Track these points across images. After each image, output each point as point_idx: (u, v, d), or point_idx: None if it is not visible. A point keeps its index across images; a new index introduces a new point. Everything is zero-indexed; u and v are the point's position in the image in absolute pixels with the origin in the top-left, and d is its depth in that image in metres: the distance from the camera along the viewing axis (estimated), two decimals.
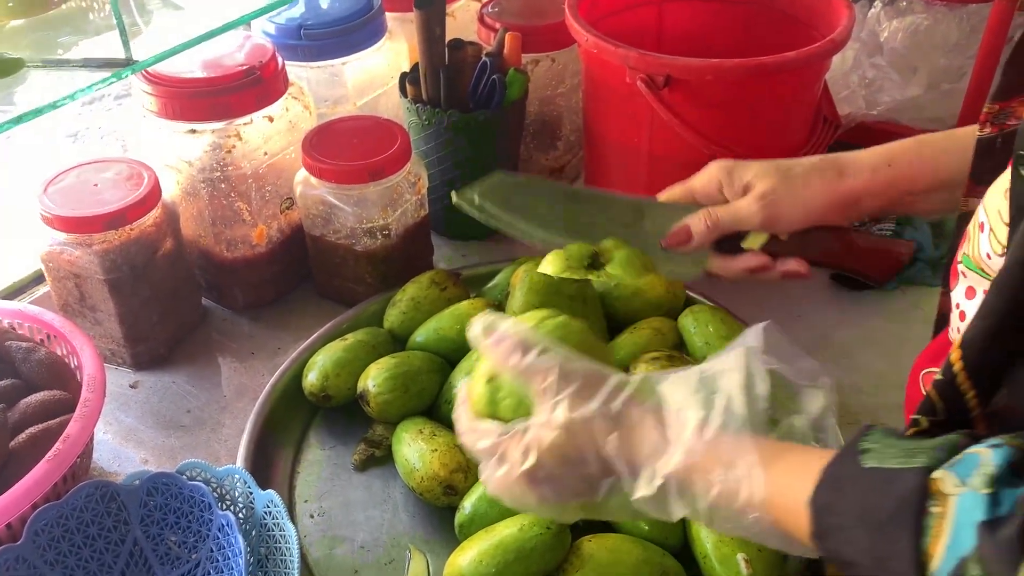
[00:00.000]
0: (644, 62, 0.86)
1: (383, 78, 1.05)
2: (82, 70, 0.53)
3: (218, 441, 0.83)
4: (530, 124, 1.10)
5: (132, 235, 0.83)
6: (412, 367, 0.81)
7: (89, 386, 0.71)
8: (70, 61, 0.53)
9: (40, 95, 0.51)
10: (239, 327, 0.96)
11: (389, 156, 0.89)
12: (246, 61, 0.87)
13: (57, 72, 0.54)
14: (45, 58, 0.54)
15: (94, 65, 0.52)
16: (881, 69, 1.08)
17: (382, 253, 0.92)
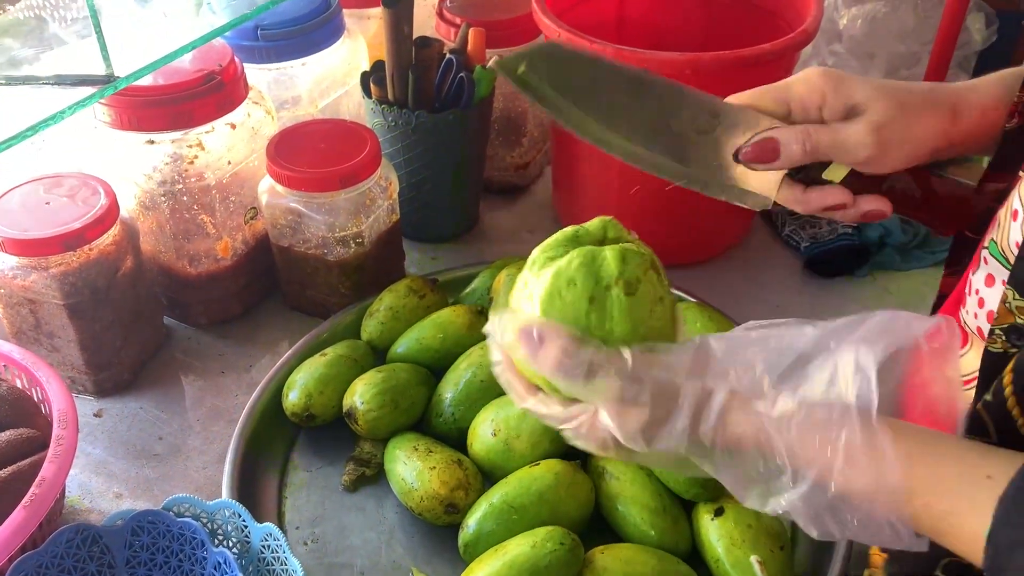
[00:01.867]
0: (620, 57, 0.84)
1: (342, 78, 1.01)
2: (54, 88, 0.48)
3: (196, 469, 0.79)
4: (495, 121, 1.07)
5: (91, 256, 0.78)
6: (400, 381, 0.78)
7: (61, 422, 0.67)
8: (39, 78, 0.49)
9: (8, 119, 0.46)
10: (206, 345, 0.91)
11: (360, 161, 0.85)
12: (203, 65, 0.83)
13: (22, 90, 0.50)
14: (9, 75, 0.49)
15: (69, 82, 0.47)
16: (840, 56, 1.09)
17: (355, 262, 0.89)
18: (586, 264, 0.47)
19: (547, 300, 0.46)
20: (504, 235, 1.08)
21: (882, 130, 0.54)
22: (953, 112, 0.56)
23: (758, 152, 0.55)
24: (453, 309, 0.84)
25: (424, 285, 0.87)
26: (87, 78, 0.47)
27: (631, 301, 0.46)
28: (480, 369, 0.77)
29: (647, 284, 0.47)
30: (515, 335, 0.46)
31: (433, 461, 0.72)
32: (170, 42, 0.54)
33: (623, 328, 0.46)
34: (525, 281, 0.50)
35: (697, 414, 0.44)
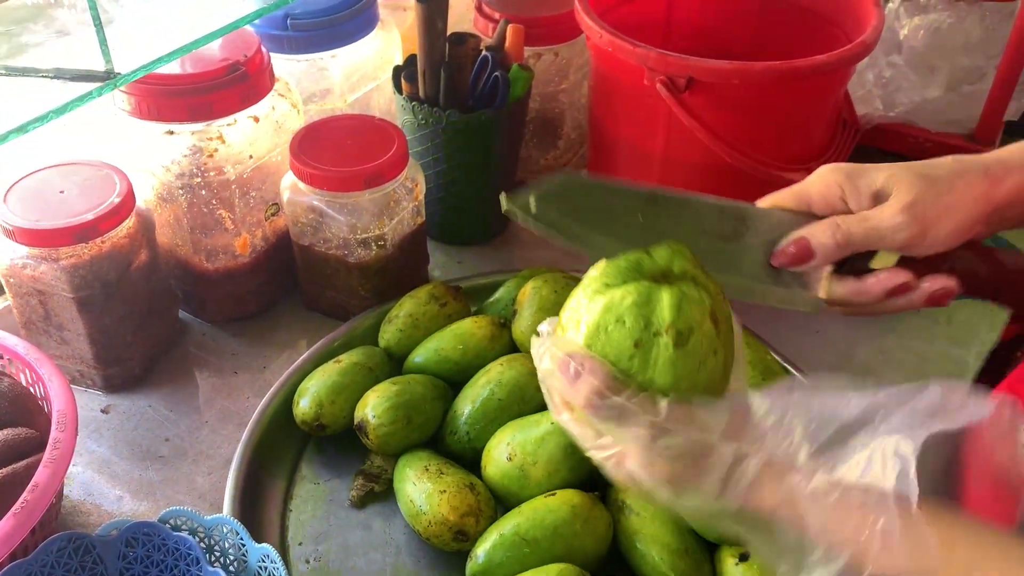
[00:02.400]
0: (665, 63, 0.79)
1: (374, 71, 0.97)
2: (54, 81, 0.45)
3: (201, 474, 0.76)
4: (530, 122, 1.03)
5: (104, 248, 0.75)
6: (415, 395, 0.74)
7: (60, 423, 0.64)
8: (39, 70, 0.46)
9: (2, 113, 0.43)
10: (220, 343, 0.89)
11: (386, 161, 0.82)
12: (229, 55, 0.79)
13: (22, 82, 0.47)
14: (8, 64, 0.46)
15: (68, 77, 0.44)
16: (899, 68, 1.03)
17: (376, 264, 0.85)
18: (639, 304, 0.44)
19: (592, 332, 0.44)
20: (534, 241, 1.04)
21: (914, 207, 0.51)
22: (987, 175, 0.52)
23: (792, 255, 0.53)
24: (475, 320, 0.80)
25: (446, 292, 0.84)
26: (86, 73, 0.44)
27: (679, 353, 0.43)
28: (499, 387, 0.74)
29: (700, 336, 0.43)
30: (553, 363, 0.45)
31: (444, 484, 0.68)
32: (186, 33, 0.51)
33: (665, 379, 0.43)
34: (577, 302, 0.47)
35: (728, 478, 0.41)
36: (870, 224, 0.52)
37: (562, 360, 0.44)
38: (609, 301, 0.45)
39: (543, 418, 0.70)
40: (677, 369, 0.43)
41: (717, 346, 0.45)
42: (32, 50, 0.50)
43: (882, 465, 0.40)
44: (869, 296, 0.53)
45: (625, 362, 0.44)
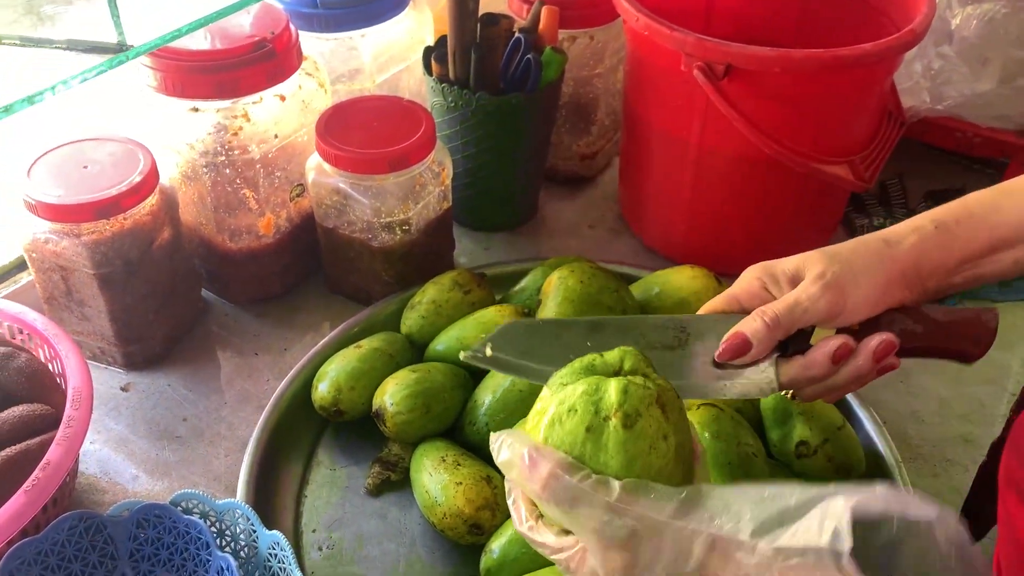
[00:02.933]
0: (703, 49, 0.77)
1: (404, 52, 0.95)
2: (67, 52, 0.44)
3: (217, 456, 0.76)
4: (563, 107, 1.01)
5: (126, 225, 0.75)
6: (434, 383, 0.73)
7: (74, 401, 0.63)
8: (52, 41, 0.44)
9: (15, 83, 0.42)
10: (242, 324, 0.88)
11: (412, 144, 0.80)
12: (256, 31, 0.78)
13: (36, 52, 0.45)
14: (24, 35, 0.45)
15: (81, 48, 0.43)
16: (949, 60, 0.99)
17: (400, 249, 0.84)
18: (588, 393, 0.47)
19: (549, 425, 0.47)
20: (564, 228, 1.02)
21: (825, 276, 0.56)
22: (885, 241, 0.58)
23: (732, 349, 0.56)
24: (498, 309, 0.78)
25: (471, 280, 0.82)
26: (98, 45, 0.43)
27: (627, 435, 0.45)
28: (519, 379, 0.72)
29: (648, 419, 0.46)
30: (511, 453, 0.47)
31: (460, 476, 0.67)
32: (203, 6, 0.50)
33: (617, 461, 0.45)
34: (538, 402, 0.50)
35: (678, 559, 0.43)
36: (791, 301, 0.56)
37: (519, 451, 0.47)
38: (563, 395, 0.48)
39: None
40: (627, 451, 0.45)
41: (667, 431, 0.46)
42: (49, 21, 0.49)
43: (819, 526, 0.41)
44: (817, 367, 0.56)
45: (579, 448, 0.46)
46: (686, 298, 0.79)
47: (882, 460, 0.70)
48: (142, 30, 0.45)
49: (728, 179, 0.86)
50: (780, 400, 0.69)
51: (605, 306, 0.75)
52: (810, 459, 0.68)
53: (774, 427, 0.69)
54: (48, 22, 0.49)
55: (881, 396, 0.81)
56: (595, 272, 0.77)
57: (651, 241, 0.98)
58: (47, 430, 0.65)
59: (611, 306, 0.76)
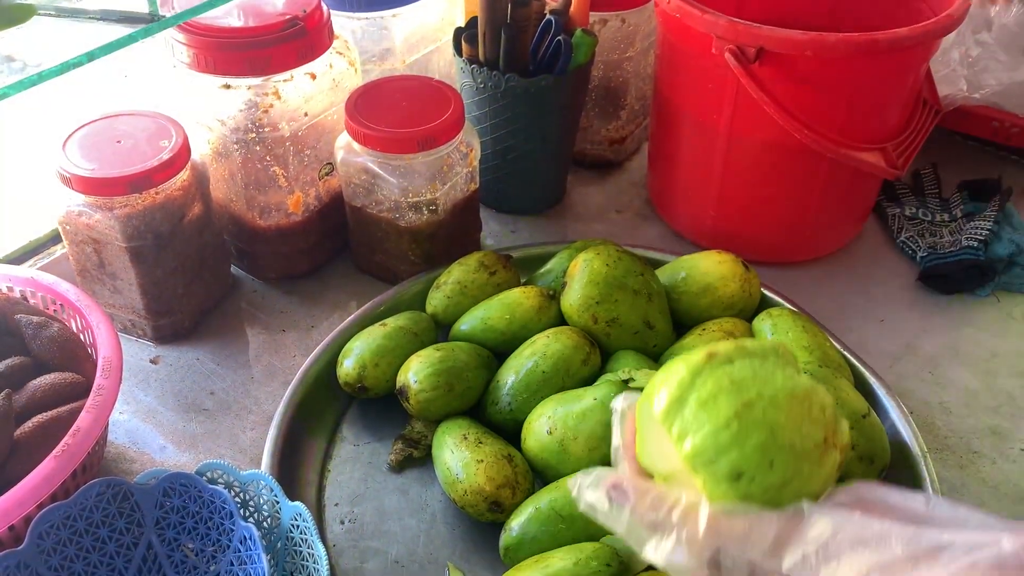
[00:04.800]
0: (734, 31, 0.76)
1: (435, 33, 0.96)
2: (99, 23, 0.45)
3: (242, 429, 0.77)
4: (593, 90, 1.00)
5: (157, 200, 0.76)
6: (458, 362, 0.73)
7: (104, 371, 0.65)
8: (86, 12, 0.45)
9: (50, 51, 0.43)
10: (270, 300, 0.89)
11: (441, 124, 0.80)
12: (287, 9, 0.79)
13: (70, 22, 0.46)
14: (59, 6, 0.46)
15: (113, 18, 0.44)
16: (987, 47, 0.97)
17: (428, 230, 0.84)
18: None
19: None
20: (591, 213, 1.02)
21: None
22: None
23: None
24: (523, 290, 0.78)
25: (497, 261, 0.82)
26: (129, 15, 0.43)
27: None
28: (543, 359, 0.72)
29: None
30: (604, 490, 0.47)
31: (482, 454, 0.67)
32: None
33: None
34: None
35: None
36: None
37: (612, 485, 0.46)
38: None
39: (586, 393, 0.68)
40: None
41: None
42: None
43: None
44: None
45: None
46: (712, 283, 0.79)
47: (908, 450, 0.69)
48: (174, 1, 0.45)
49: (758, 165, 0.86)
50: None
51: (631, 290, 0.75)
52: None
53: None
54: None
55: (908, 386, 0.81)
56: (621, 255, 0.77)
57: (679, 227, 0.97)
58: (78, 398, 0.66)
59: (636, 289, 0.75)
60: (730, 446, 0.44)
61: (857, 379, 0.74)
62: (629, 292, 0.75)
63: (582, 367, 0.72)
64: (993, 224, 0.92)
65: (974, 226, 0.93)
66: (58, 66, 0.39)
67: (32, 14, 0.48)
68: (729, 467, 0.44)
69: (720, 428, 0.45)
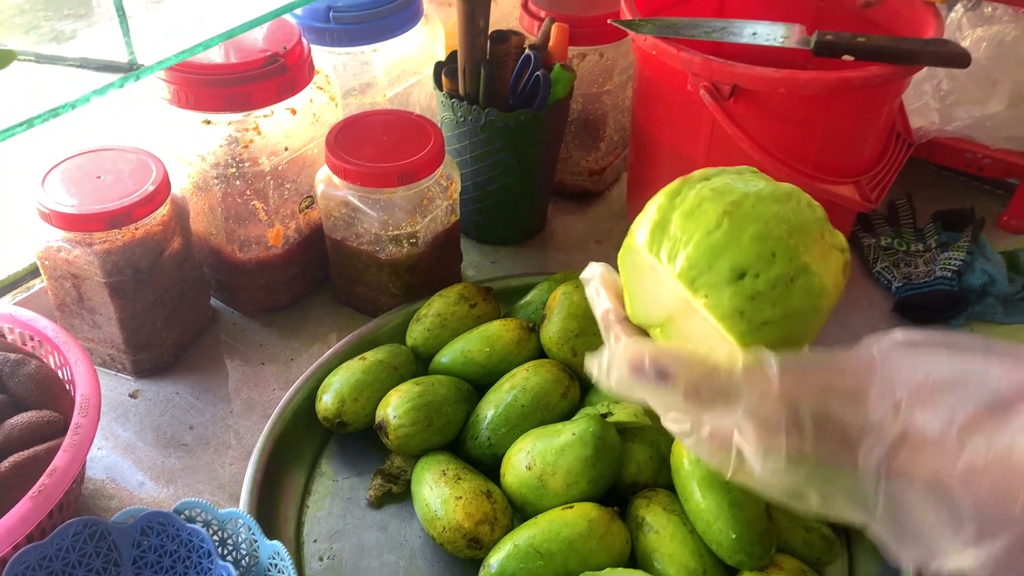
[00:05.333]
0: (709, 69, 0.77)
1: (416, 66, 0.96)
2: (80, 70, 0.45)
3: (221, 465, 0.76)
4: (572, 122, 1.01)
5: (137, 235, 0.76)
6: (437, 396, 0.73)
7: (82, 409, 0.64)
8: (66, 59, 0.46)
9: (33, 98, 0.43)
10: (250, 333, 0.89)
11: (421, 158, 0.81)
12: (268, 45, 0.79)
13: (51, 68, 0.47)
14: (39, 52, 0.46)
15: (92, 67, 0.44)
16: (958, 81, 0.99)
17: (407, 262, 0.85)
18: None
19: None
20: (571, 243, 1.03)
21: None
22: None
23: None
24: (503, 323, 0.79)
25: (477, 294, 0.83)
26: (109, 64, 0.44)
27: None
28: (523, 393, 0.72)
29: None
30: (628, 371, 0.41)
31: (460, 490, 0.67)
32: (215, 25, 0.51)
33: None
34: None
35: (864, 451, 0.37)
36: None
37: (638, 366, 0.41)
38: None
39: (564, 428, 0.68)
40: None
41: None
42: (64, 38, 0.50)
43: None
44: None
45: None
46: None
47: None
48: (153, 48, 0.46)
49: None
50: None
51: None
52: None
53: None
54: (63, 39, 0.50)
55: None
56: None
57: None
58: (55, 436, 0.66)
59: None
60: (725, 245, 0.42)
61: None
62: None
63: (561, 400, 0.73)
64: (966, 254, 0.94)
65: (948, 256, 0.94)
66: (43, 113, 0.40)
67: (12, 59, 0.48)
68: (729, 267, 0.42)
69: (711, 230, 0.43)
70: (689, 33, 0.80)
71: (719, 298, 0.42)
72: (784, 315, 0.43)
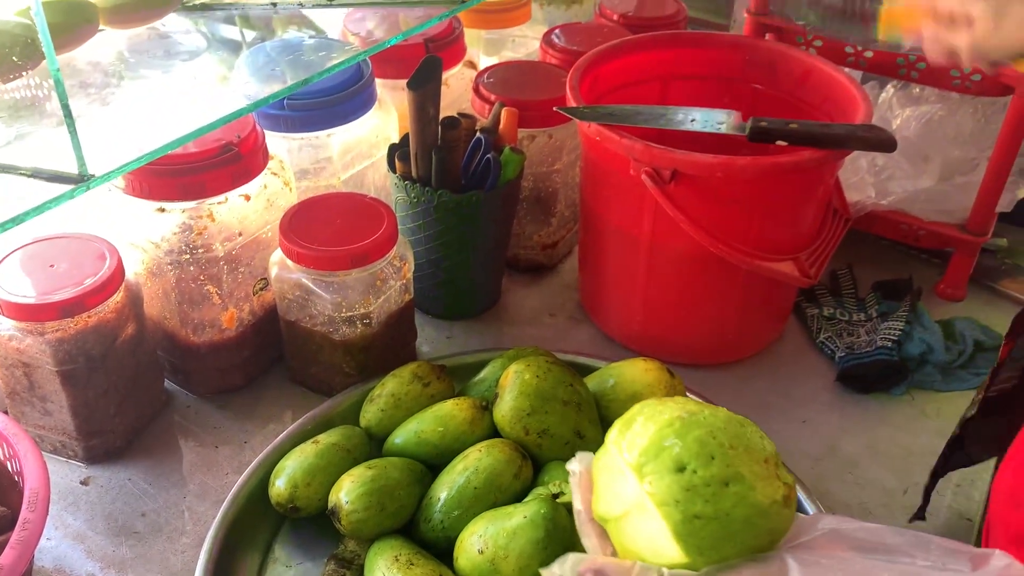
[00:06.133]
0: (649, 155, 0.80)
1: (371, 148, 0.99)
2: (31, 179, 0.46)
3: (175, 552, 0.76)
4: (524, 199, 1.04)
5: (90, 323, 0.76)
6: (390, 480, 0.74)
7: (31, 504, 0.64)
8: (17, 168, 0.47)
9: None
10: (204, 415, 0.89)
11: (374, 241, 0.83)
12: (223, 134, 0.81)
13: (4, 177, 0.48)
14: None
15: (44, 177, 0.46)
16: (892, 157, 1.03)
17: (361, 342, 0.86)
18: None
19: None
20: (526, 316, 1.05)
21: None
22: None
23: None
24: (456, 402, 0.80)
25: (430, 372, 0.84)
26: (60, 175, 0.45)
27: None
28: (475, 475, 0.73)
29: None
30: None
31: (413, 575, 0.68)
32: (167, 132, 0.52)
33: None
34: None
35: None
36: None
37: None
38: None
39: (516, 511, 0.69)
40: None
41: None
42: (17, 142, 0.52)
43: None
44: None
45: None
46: (639, 391, 0.81)
47: None
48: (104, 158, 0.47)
49: (679, 273, 0.90)
50: None
51: (560, 400, 0.77)
52: None
53: None
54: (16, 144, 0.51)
55: (829, 487, 0.84)
56: (550, 367, 0.79)
57: (610, 330, 1.01)
58: (3, 531, 0.65)
59: (566, 400, 0.77)
60: (672, 441, 0.49)
61: None
62: (559, 403, 0.77)
63: (514, 481, 0.74)
64: (905, 324, 0.97)
65: (888, 326, 0.97)
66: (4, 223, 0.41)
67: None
68: (672, 459, 0.48)
69: (663, 427, 0.50)
70: (630, 120, 0.84)
71: (660, 485, 0.48)
72: (715, 514, 0.48)
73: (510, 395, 0.78)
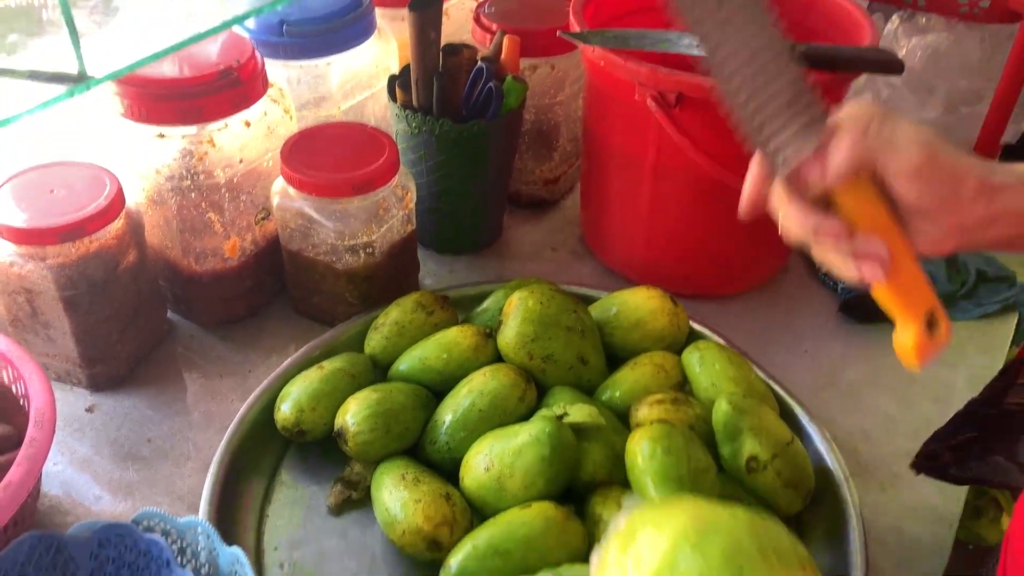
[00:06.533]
0: (655, 79, 0.79)
1: (370, 79, 0.98)
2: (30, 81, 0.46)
3: (180, 477, 0.76)
4: (526, 133, 1.03)
5: (91, 248, 0.76)
6: (395, 403, 0.74)
7: (37, 422, 0.64)
8: (15, 71, 0.46)
9: None
10: (207, 345, 0.89)
11: (376, 168, 0.82)
12: (221, 59, 0.80)
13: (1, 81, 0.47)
14: None
15: (42, 78, 0.45)
16: (896, 89, 1.03)
17: (364, 272, 0.86)
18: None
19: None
20: (527, 251, 1.04)
21: (929, 146, 0.52)
22: (990, 169, 0.52)
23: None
24: (460, 329, 0.80)
25: (434, 302, 0.84)
26: (59, 75, 0.44)
27: None
28: (480, 397, 0.73)
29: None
30: None
31: (419, 493, 0.68)
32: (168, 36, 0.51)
33: None
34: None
35: None
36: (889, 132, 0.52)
37: None
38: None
39: (521, 429, 0.69)
40: None
41: None
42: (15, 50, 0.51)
43: None
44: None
45: None
46: (643, 318, 0.81)
47: (831, 475, 0.73)
48: (103, 61, 0.46)
49: (683, 200, 0.89)
50: (731, 416, 0.71)
51: (564, 327, 0.77)
52: (760, 474, 0.70)
53: (725, 442, 0.71)
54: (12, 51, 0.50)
55: (831, 414, 0.84)
56: (554, 294, 0.79)
57: (612, 263, 1.00)
58: (9, 451, 0.66)
59: (570, 326, 0.78)
60: (690, 557, 0.39)
61: (782, 408, 0.77)
62: (563, 329, 0.77)
63: (519, 404, 0.74)
64: None
65: None
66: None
67: None
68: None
69: (678, 539, 0.40)
70: (636, 44, 0.82)
71: None
72: None
73: (514, 321, 0.78)
